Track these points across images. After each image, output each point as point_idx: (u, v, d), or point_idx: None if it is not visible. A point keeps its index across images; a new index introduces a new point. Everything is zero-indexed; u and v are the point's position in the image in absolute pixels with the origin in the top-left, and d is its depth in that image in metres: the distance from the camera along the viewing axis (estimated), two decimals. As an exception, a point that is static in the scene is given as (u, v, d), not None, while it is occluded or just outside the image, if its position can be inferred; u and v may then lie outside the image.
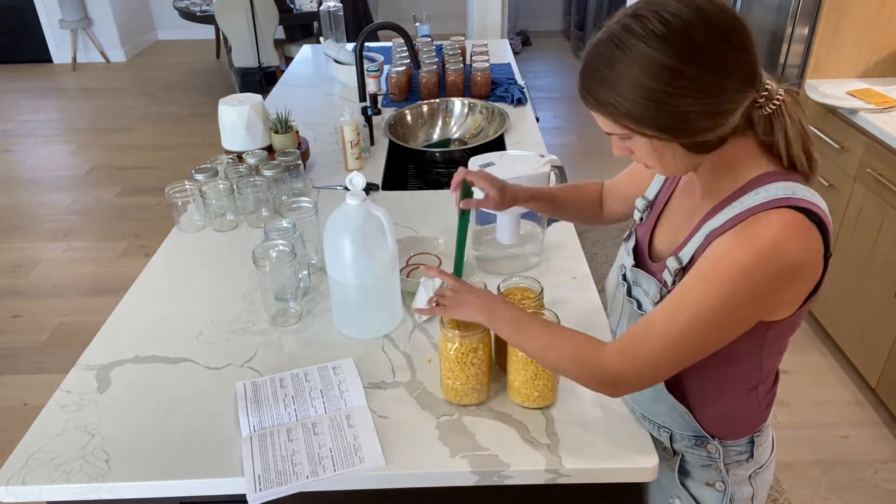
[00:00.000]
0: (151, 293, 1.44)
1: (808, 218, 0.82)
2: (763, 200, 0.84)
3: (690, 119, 0.80)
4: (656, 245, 1.04)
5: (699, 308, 0.83)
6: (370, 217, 1.19)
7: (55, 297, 3.14)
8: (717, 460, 1.04)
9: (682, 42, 0.77)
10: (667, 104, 0.79)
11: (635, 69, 0.78)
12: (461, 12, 6.28)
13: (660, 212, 1.06)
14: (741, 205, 0.86)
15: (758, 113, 0.85)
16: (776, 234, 0.80)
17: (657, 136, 0.82)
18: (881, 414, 2.34)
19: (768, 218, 0.82)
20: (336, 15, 3.01)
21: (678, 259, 0.93)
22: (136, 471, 1.01)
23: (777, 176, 0.86)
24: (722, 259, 0.83)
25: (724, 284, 0.82)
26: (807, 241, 0.82)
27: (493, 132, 2.20)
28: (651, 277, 1.00)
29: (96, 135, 4.96)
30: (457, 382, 1.08)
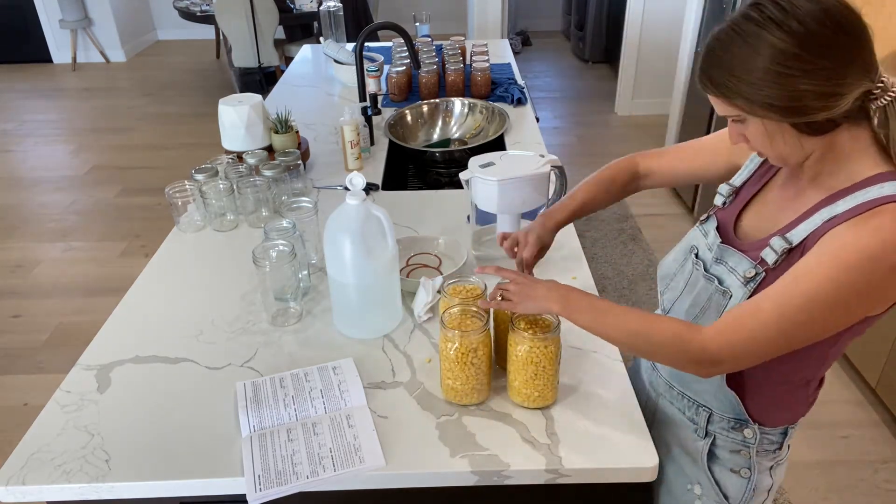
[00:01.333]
0: (151, 293, 1.44)
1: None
2: (888, 193, 0.83)
3: (801, 99, 0.82)
4: (742, 228, 1.03)
5: (818, 292, 0.83)
6: (370, 217, 1.19)
7: (55, 297, 3.14)
8: (750, 446, 1.05)
9: (796, 26, 0.80)
10: (777, 84, 0.81)
11: (753, 53, 0.82)
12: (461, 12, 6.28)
13: (748, 200, 1.05)
14: (866, 195, 0.85)
15: (873, 105, 0.85)
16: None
17: (767, 116, 0.84)
18: (881, 414, 2.34)
19: (890, 213, 0.81)
20: (336, 15, 3.01)
21: (786, 239, 0.91)
22: (136, 471, 1.01)
23: (890, 176, 0.86)
24: (847, 246, 0.82)
25: (849, 270, 0.81)
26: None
27: (493, 132, 2.20)
28: (742, 254, 0.98)
29: (96, 135, 4.96)
30: (457, 382, 1.08)
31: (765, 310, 0.86)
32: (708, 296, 1.02)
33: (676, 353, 0.92)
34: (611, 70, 5.96)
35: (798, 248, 0.90)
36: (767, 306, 0.86)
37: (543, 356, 1.04)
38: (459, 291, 1.17)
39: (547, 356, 1.04)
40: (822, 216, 0.88)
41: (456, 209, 1.73)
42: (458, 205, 1.76)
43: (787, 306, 0.84)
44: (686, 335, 0.90)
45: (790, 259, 0.90)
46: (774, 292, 0.86)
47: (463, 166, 1.44)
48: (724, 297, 0.99)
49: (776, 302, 0.85)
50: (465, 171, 1.41)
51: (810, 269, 0.84)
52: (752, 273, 0.94)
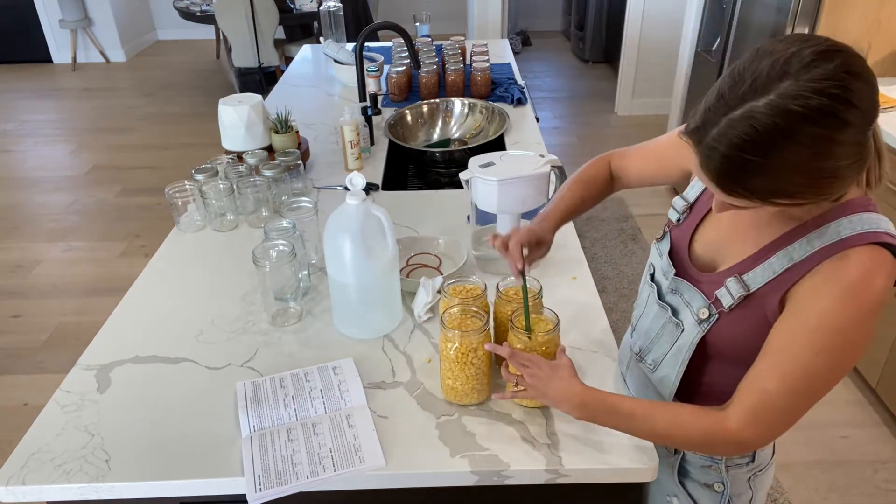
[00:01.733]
0: (151, 293, 1.44)
1: (891, 254, 0.81)
2: (849, 234, 0.81)
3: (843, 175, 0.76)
4: (696, 251, 1.01)
5: (816, 364, 0.82)
6: (370, 217, 1.19)
7: (55, 297, 3.14)
8: (718, 462, 1.05)
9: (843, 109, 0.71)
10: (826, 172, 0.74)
11: (803, 152, 0.72)
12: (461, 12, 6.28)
13: (702, 217, 1.02)
14: (821, 238, 0.83)
15: None
16: (867, 277, 0.80)
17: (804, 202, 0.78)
18: (881, 414, 2.34)
19: (857, 258, 0.80)
20: (336, 15, 3.01)
21: (744, 284, 0.89)
22: (136, 471, 1.01)
23: (858, 206, 0.84)
24: (827, 314, 0.81)
25: (832, 343, 0.81)
26: (890, 277, 0.82)
27: (493, 132, 2.20)
28: (695, 289, 0.96)
29: (96, 135, 4.96)
30: (457, 382, 1.08)
31: (773, 391, 0.84)
32: (662, 323, 1.02)
33: (711, 449, 0.93)
34: (611, 70, 5.96)
35: (756, 293, 0.88)
36: (773, 387, 0.84)
37: (542, 354, 1.04)
38: (459, 291, 1.17)
39: (545, 355, 1.04)
40: (781, 262, 0.86)
41: (456, 209, 1.73)
42: (458, 205, 1.76)
43: (793, 382, 0.83)
44: (716, 434, 0.88)
45: (747, 303, 0.89)
46: (774, 370, 0.84)
47: (463, 166, 1.44)
48: (676, 328, 0.99)
49: (780, 381, 0.84)
50: (465, 171, 1.41)
51: (800, 343, 0.82)
52: (706, 314, 0.94)
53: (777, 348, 0.85)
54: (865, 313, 0.80)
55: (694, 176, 1.05)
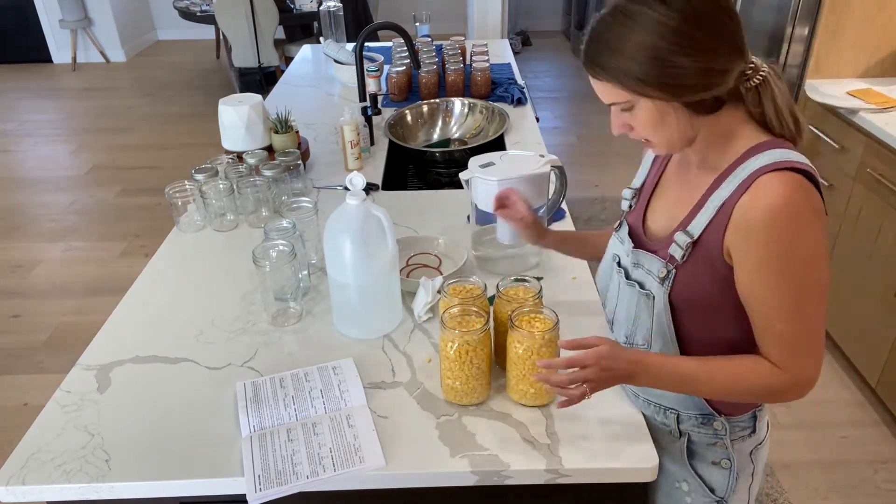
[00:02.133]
0: (151, 293, 1.44)
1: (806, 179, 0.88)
2: (763, 164, 0.89)
3: (690, 76, 0.86)
4: (650, 227, 1.08)
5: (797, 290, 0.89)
6: (370, 217, 1.19)
7: (55, 297, 3.14)
8: (723, 437, 1.07)
9: (684, 7, 0.84)
10: (669, 62, 0.84)
11: (640, 31, 0.85)
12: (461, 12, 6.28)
13: (649, 197, 1.10)
14: (743, 171, 0.91)
15: (745, 85, 0.91)
16: (787, 195, 0.86)
17: (660, 96, 0.87)
18: (881, 414, 2.34)
19: (771, 184, 0.87)
20: (336, 15, 3.01)
21: (688, 233, 0.96)
22: (136, 471, 1.01)
23: (770, 144, 0.92)
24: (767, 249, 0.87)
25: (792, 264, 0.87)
26: (811, 194, 0.87)
27: (493, 132, 2.20)
28: (653, 255, 1.02)
29: (96, 135, 4.96)
30: (457, 382, 1.08)
31: (785, 329, 0.91)
32: (636, 301, 1.06)
33: (781, 397, 0.96)
34: (611, 70, 5.95)
35: (700, 239, 0.95)
36: (781, 325, 0.91)
37: (541, 354, 1.04)
38: (459, 291, 1.17)
39: (545, 354, 1.04)
40: (714, 203, 0.93)
41: (456, 209, 1.73)
42: (458, 205, 1.76)
43: (791, 310, 0.89)
44: (778, 382, 0.93)
45: (696, 252, 0.95)
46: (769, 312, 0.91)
47: (463, 166, 1.43)
48: (648, 299, 1.03)
49: (781, 316, 0.90)
50: (464, 171, 1.41)
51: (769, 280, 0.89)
52: (665, 272, 0.99)
53: (751, 295, 0.92)
54: (798, 229, 0.86)
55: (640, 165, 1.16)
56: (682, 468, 1.12)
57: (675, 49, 0.84)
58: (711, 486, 1.11)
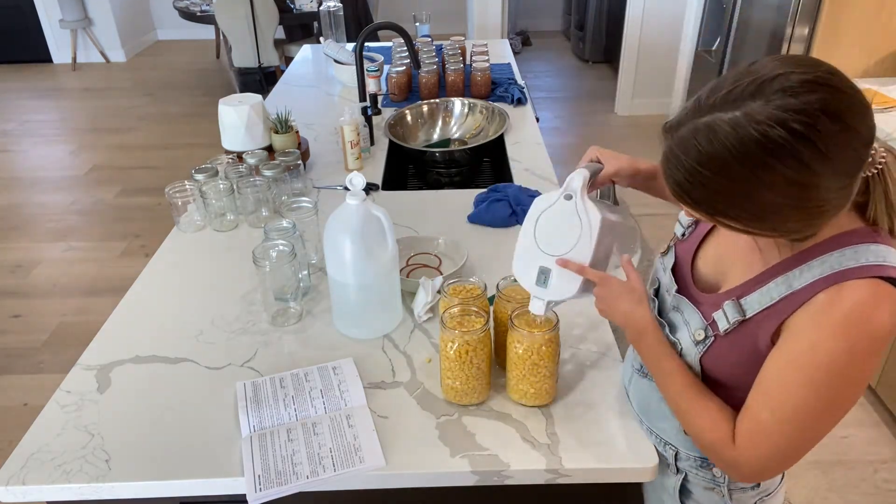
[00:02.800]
0: (151, 293, 1.44)
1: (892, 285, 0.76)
2: (851, 266, 0.77)
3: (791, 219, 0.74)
4: (700, 268, 0.99)
5: (804, 403, 0.80)
6: (370, 217, 1.19)
7: (55, 297, 3.14)
8: (721, 485, 1.02)
9: (806, 152, 0.69)
10: (784, 216, 0.73)
11: (750, 178, 0.71)
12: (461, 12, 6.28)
13: (706, 233, 1.00)
14: (823, 266, 0.79)
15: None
16: (865, 313, 0.75)
17: (760, 234, 0.78)
18: (881, 414, 2.34)
19: (855, 292, 0.76)
20: (336, 15, 3.01)
21: (741, 308, 0.86)
22: (136, 471, 1.01)
23: (865, 236, 0.79)
24: (818, 349, 0.77)
25: (823, 379, 0.78)
26: (894, 313, 0.76)
27: (493, 132, 2.20)
28: (695, 309, 0.94)
29: (96, 135, 4.96)
30: (457, 382, 1.08)
31: (765, 421, 0.83)
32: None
33: (710, 456, 0.91)
34: (611, 70, 5.96)
35: (751, 319, 0.86)
36: (765, 417, 0.82)
37: (541, 354, 1.04)
38: (459, 291, 1.17)
39: (544, 354, 1.04)
40: (780, 289, 0.83)
41: (456, 209, 1.73)
42: (458, 205, 1.76)
43: (784, 415, 0.81)
44: (720, 448, 0.88)
45: (742, 328, 0.87)
46: (767, 401, 0.82)
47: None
48: (674, 347, 0.96)
49: (772, 412, 0.82)
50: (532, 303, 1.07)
51: (791, 377, 0.80)
52: (702, 336, 0.91)
53: (769, 378, 0.83)
54: (860, 351, 0.76)
55: None
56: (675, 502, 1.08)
57: (773, 198, 0.71)
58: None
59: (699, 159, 0.73)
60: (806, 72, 0.71)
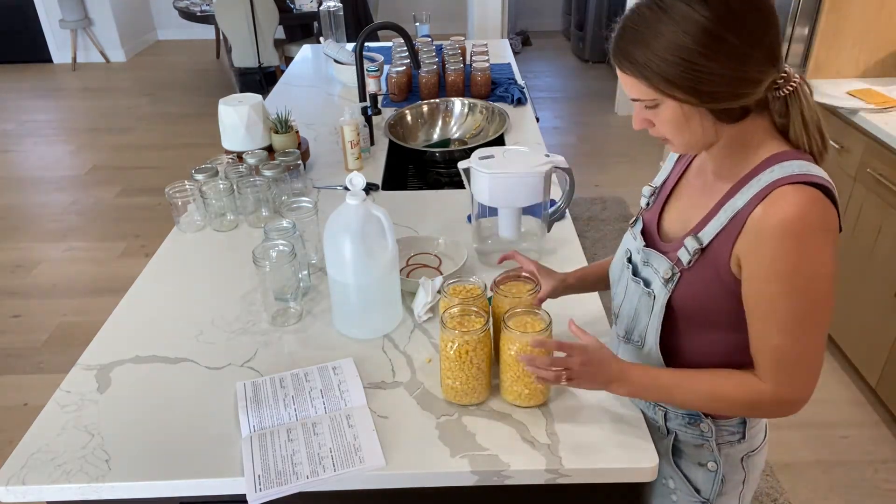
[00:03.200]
0: (151, 293, 1.44)
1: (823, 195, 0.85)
2: (781, 175, 0.87)
3: (720, 84, 0.83)
4: (665, 227, 1.07)
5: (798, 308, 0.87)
6: (370, 217, 1.19)
7: (55, 297, 3.14)
8: (709, 439, 1.07)
9: (721, 6, 0.81)
10: (700, 66, 0.82)
11: (675, 29, 0.82)
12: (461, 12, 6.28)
13: (667, 197, 1.09)
14: (759, 182, 0.89)
15: (773, 94, 0.88)
16: (800, 211, 0.84)
17: (687, 100, 0.85)
18: (881, 414, 2.34)
19: (786, 197, 0.85)
20: (336, 15, 3.01)
21: (698, 239, 0.94)
22: (136, 471, 1.01)
23: (790, 155, 0.89)
24: (773, 262, 0.85)
25: (797, 281, 0.85)
26: (826, 210, 0.86)
27: (493, 132, 2.20)
28: (662, 256, 1.01)
29: (96, 135, 4.96)
30: (456, 382, 1.08)
31: (780, 344, 0.89)
32: (638, 298, 1.06)
33: (760, 413, 0.98)
34: (611, 70, 5.95)
35: (709, 247, 0.94)
36: (778, 340, 0.89)
37: (535, 355, 1.04)
38: (459, 291, 1.17)
39: (538, 355, 1.04)
40: (727, 212, 0.92)
41: (456, 209, 1.73)
42: (458, 205, 1.76)
43: (789, 329, 0.88)
44: (758, 398, 0.93)
45: (703, 259, 0.94)
46: (768, 326, 0.90)
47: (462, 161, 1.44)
48: (649, 298, 1.02)
49: (780, 332, 0.89)
50: (464, 161, 1.41)
51: (773, 293, 0.87)
52: (669, 274, 0.98)
53: (756, 306, 0.90)
54: (810, 245, 0.84)
55: (662, 164, 1.14)
56: (667, 465, 1.12)
57: (707, 53, 0.81)
58: (696, 486, 1.11)
59: (631, 19, 0.86)
60: None
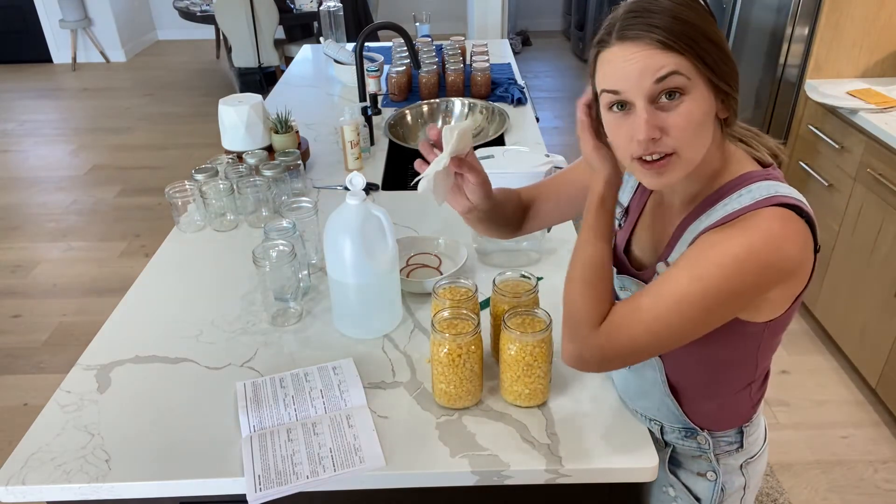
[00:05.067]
0: (151, 293, 1.44)
1: (796, 214, 0.81)
2: (749, 202, 0.83)
3: (731, 68, 0.81)
4: (634, 251, 1.04)
5: (686, 295, 0.82)
6: (370, 217, 1.19)
7: (55, 297, 3.14)
8: (707, 451, 1.06)
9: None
10: (720, 49, 0.80)
11: (695, 7, 0.80)
12: (461, 12, 6.28)
13: (635, 221, 1.04)
14: (726, 207, 0.85)
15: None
16: (772, 228, 0.80)
17: (719, 83, 0.80)
18: (881, 414, 2.34)
19: (760, 215, 0.81)
20: (336, 15, 3.01)
21: (668, 264, 0.93)
22: (136, 471, 1.01)
23: (757, 176, 0.86)
24: (713, 248, 0.82)
25: (714, 273, 0.80)
26: (800, 239, 0.81)
27: (493, 132, 2.20)
28: (638, 282, 0.99)
29: (96, 135, 4.96)
30: (449, 386, 1.07)
31: (642, 309, 0.85)
32: None
33: (570, 333, 0.91)
34: (611, 70, 5.95)
35: None
36: (644, 305, 0.85)
37: (535, 355, 1.04)
38: (451, 293, 1.17)
39: (538, 355, 1.05)
40: (692, 234, 0.88)
41: (456, 209, 1.73)
42: (458, 205, 1.75)
43: (660, 307, 0.84)
44: (586, 330, 0.89)
45: None
46: (650, 294, 0.86)
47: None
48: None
49: (651, 303, 0.85)
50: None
51: (679, 272, 0.83)
52: None
53: (662, 276, 0.86)
54: (758, 258, 0.79)
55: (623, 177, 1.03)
56: (667, 475, 1.11)
57: (714, 29, 0.80)
58: (696, 495, 1.10)
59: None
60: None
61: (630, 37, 0.78)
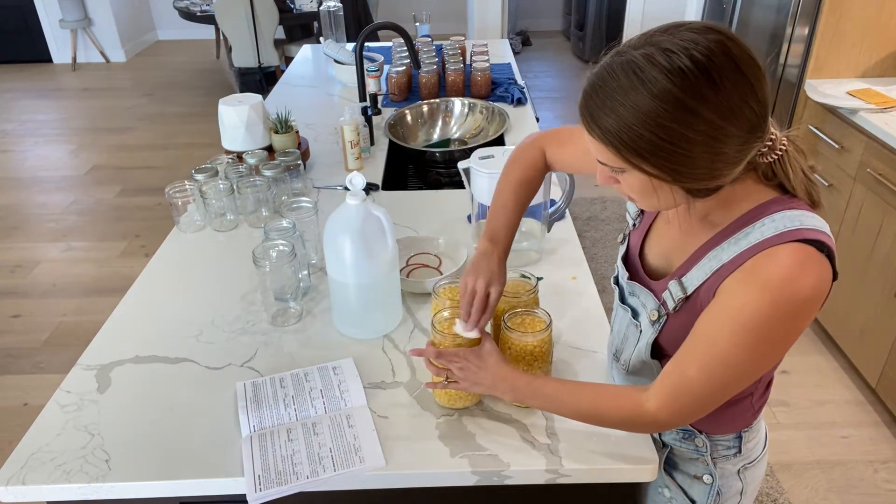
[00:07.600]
0: (151, 293, 1.44)
1: (817, 249, 0.80)
2: (771, 234, 0.82)
3: (697, 164, 0.77)
4: (648, 256, 1.03)
5: (733, 355, 0.84)
6: (370, 217, 1.19)
7: (55, 297, 3.14)
8: (704, 454, 1.06)
9: (697, 75, 0.73)
10: (673, 142, 0.75)
11: (648, 99, 0.74)
12: (461, 12, 6.28)
13: (650, 223, 1.04)
14: (747, 238, 0.84)
15: (759, 160, 0.84)
16: (790, 274, 0.79)
17: (658, 175, 0.78)
18: (881, 414, 2.34)
19: (779, 256, 0.80)
20: (336, 15, 3.01)
21: (682, 286, 0.91)
22: (136, 471, 1.01)
23: (781, 203, 0.84)
24: (743, 309, 0.81)
25: (751, 332, 0.82)
26: (818, 276, 0.80)
27: (493, 132, 2.20)
28: (649, 293, 0.99)
29: (96, 135, 4.96)
30: (450, 385, 1.08)
31: (692, 377, 0.86)
32: (626, 325, 1.04)
33: (631, 428, 0.96)
34: (611, 70, 5.95)
35: (694, 294, 0.90)
36: (693, 373, 0.86)
37: (535, 355, 1.04)
38: (451, 293, 1.17)
39: (538, 355, 1.05)
40: (712, 264, 0.88)
41: (456, 209, 1.73)
42: (458, 205, 1.76)
43: (711, 370, 0.85)
44: (635, 414, 0.92)
45: (688, 304, 0.92)
46: (695, 359, 0.86)
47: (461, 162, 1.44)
48: (636, 329, 1.01)
49: (700, 368, 0.86)
50: (464, 161, 1.41)
51: (717, 334, 0.84)
52: (656, 316, 0.97)
53: (700, 336, 0.86)
54: (784, 312, 0.80)
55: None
56: (663, 476, 1.11)
57: (680, 129, 0.74)
58: (692, 497, 1.10)
59: (605, 79, 0.78)
60: (708, 22, 0.79)
61: (581, 114, 0.83)
